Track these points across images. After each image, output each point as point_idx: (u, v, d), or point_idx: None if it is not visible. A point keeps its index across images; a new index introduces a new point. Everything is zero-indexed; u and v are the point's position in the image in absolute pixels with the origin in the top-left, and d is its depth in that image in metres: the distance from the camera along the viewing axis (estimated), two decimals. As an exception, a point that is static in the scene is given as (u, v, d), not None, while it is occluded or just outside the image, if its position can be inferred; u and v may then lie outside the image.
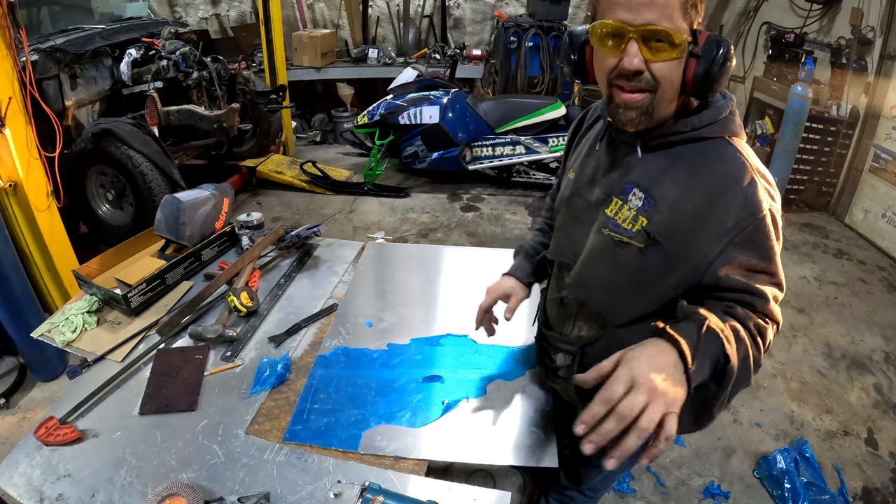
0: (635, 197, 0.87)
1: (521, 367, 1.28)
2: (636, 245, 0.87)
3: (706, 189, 0.82)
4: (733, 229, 0.80)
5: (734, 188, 0.80)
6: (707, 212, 0.81)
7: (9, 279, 2.12)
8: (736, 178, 0.81)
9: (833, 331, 2.85)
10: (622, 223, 0.88)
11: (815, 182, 4.17)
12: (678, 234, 0.84)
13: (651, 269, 0.87)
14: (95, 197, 3.26)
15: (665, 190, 0.85)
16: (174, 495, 0.90)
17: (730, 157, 0.83)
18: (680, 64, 0.78)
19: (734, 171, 0.81)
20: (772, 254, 0.83)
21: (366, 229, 3.72)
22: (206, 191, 1.75)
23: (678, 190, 0.84)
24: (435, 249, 1.94)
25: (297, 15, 5.62)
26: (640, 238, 0.86)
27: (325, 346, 1.34)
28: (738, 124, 0.86)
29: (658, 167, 0.86)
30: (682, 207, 0.83)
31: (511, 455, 1.08)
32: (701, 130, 0.84)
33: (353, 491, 0.88)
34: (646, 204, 0.86)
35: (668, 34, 0.75)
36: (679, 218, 0.83)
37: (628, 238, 0.88)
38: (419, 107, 4.09)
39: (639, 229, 0.86)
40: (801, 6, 4.32)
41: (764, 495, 1.95)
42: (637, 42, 0.76)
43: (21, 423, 2.13)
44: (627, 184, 0.89)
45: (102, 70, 3.38)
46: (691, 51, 0.78)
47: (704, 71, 0.78)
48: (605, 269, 0.93)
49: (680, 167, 0.85)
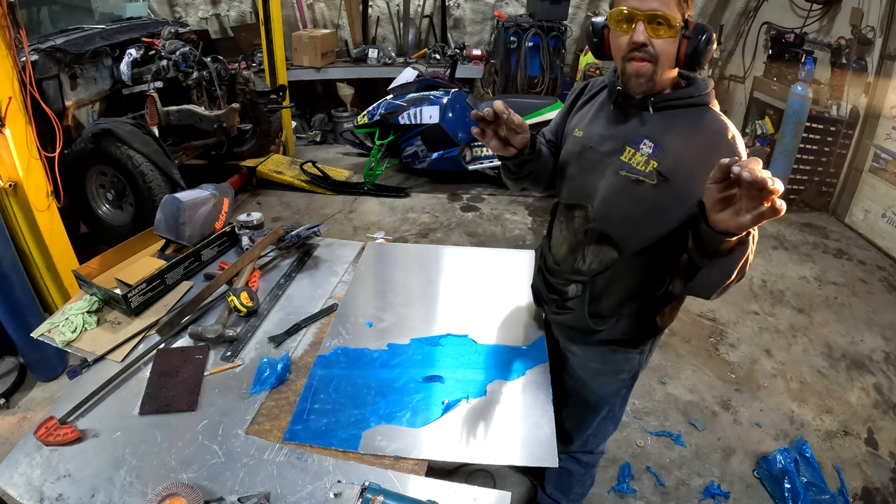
0: (646, 146, 1.09)
1: (521, 367, 1.28)
2: (649, 182, 1.08)
3: (703, 140, 1.06)
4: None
5: (724, 139, 1.06)
6: (705, 156, 1.01)
7: (9, 279, 2.12)
8: (724, 133, 1.06)
9: (833, 331, 2.85)
10: (637, 166, 1.09)
11: (815, 182, 4.17)
12: (683, 173, 1.05)
13: (662, 202, 1.08)
14: (95, 197, 3.26)
15: (671, 140, 1.07)
16: (174, 495, 0.90)
17: (717, 119, 1.09)
18: (675, 42, 1.02)
19: (722, 129, 1.07)
20: None
21: (366, 229, 3.72)
22: (206, 191, 1.75)
23: (681, 141, 1.07)
24: (435, 249, 1.94)
25: (297, 15, 5.62)
26: (653, 176, 1.07)
27: (325, 346, 1.34)
28: (715, 99, 1.12)
29: (663, 124, 1.09)
30: (685, 154, 1.06)
31: (511, 455, 1.08)
32: (694, 98, 1.09)
33: (353, 491, 0.88)
34: (656, 150, 1.08)
35: (666, 18, 0.99)
36: (683, 161, 1.06)
37: (643, 177, 1.09)
38: (419, 107, 4.09)
39: (651, 170, 1.08)
40: (801, 6, 4.33)
41: (764, 495, 1.95)
42: (643, 22, 1.01)
43: (21, 423, 2.13)
44: (639, 136, 1.10)
45: (102, 70, 3.38)
46: (683, 33, 1.02)
47: (692, 49, 1.03)
48: (624, 203, 1.13)
49: (681, 125, 1.08)
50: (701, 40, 1.03)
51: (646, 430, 2.19)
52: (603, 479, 1.96)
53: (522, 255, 1.78)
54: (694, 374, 2.51)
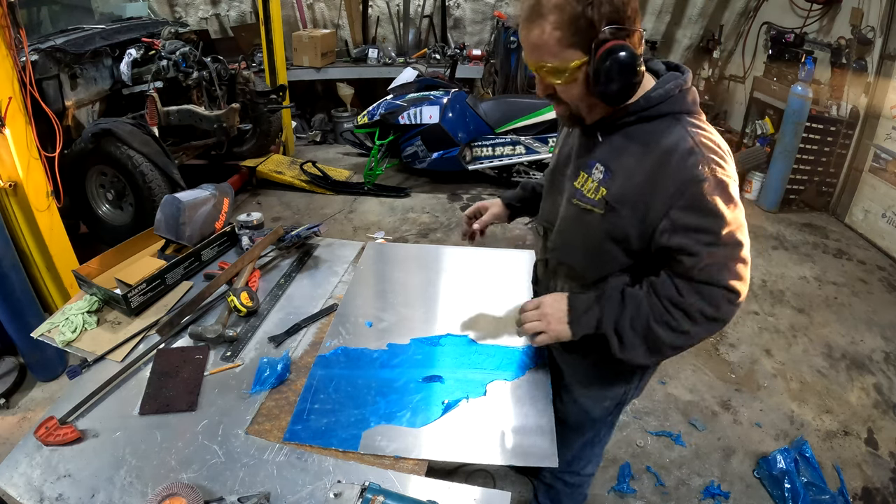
0: (597, 171, 1.01)
1: (521, 367, 1.28)
2: (597, 212, 1.00)
3: (653, 160, 0.93)
4: (675, 194, 0.91)
5: (674, 158, 0.91)
6: (653, 180, 0.92)
7: (9, 279, 2.12)
8: (676, 149, 0.91)
9: (833, 331, 2.85)
10: (587, 193, 1.02)
11: (815, 182, 4.17)
12: (630, 201, 0.96)
13: (612, 232, 1.00)
14: (95, 197, 3.26)
15: (621, 164, 0.97)
16: (174, 495, 0.90)
17: (673, 131, 0.93)
18: (577, 83, 0.92)
19: (676, 144, 0.91)
20: (716, 214, 0.90)
21: (366, 229, 3.72)
22: (206, 191, 1.75)
23: (631, 162, 0.96)
24: (435, 249, 1.94)
25: (297, 15, 5.62)
26: (601, 206, 1.00)
27: (325, 346, 1.34)
28: (689, 101, 0.97)
29: (616, 145, 0.99)
30: (634, 178, 0.95)
31: (511, 455, 1.08)
32: (650, 110, 0.95)
33: (353, 491, 0.87)
34: (605, 176, 0.99)
35: (551, 68, 0.90)
36: (631, 187, 0.95)
37: (591, 206, 1.01)
38: (419, 107, 4.09)
39: (599, 198, 1.00)
40: (801, 6, 4.32)
41: (764, 495, 1.95)
42: (538, 73, 0.94)
43: (21, 423, 2.13)
44: (591, 160, 1.02)
45: (102, 70, 3.38)
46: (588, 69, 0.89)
47: (599, 90, 0.89)
48: (577, 233, 1.08)
49: (634, 144, 0.97)
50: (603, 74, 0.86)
51: (646, 430, 2.19)
52: (603, 479, 1.96)
53: (522, 255, 1.78)
54: (694, 374, 2.51)
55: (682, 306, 0.96)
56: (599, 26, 0.85)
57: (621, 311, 1.00)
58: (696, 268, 0.93)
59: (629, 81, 0.88)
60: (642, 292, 1.00)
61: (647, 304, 0.98)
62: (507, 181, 4.37)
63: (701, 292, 0.95)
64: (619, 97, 0.90)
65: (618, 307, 1.01)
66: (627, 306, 1.00)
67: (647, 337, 0.99)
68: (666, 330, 0.97)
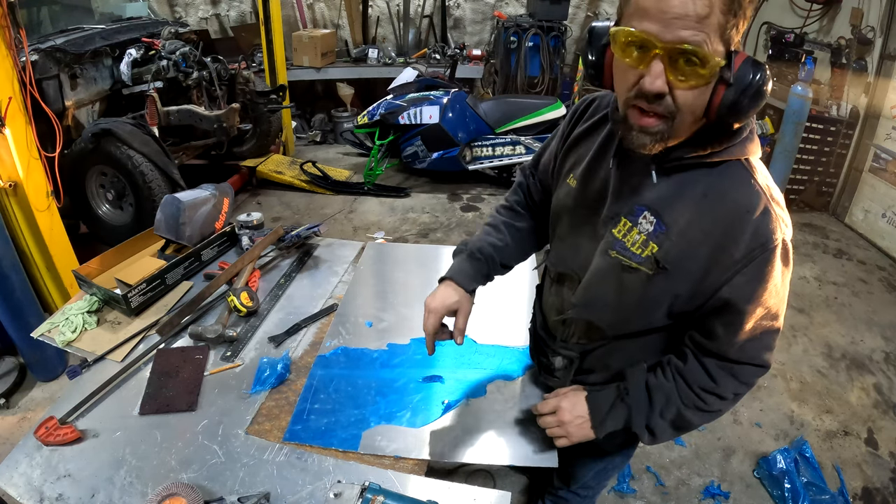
0: (646, 220, 0.82)
1: (521, 367, 1.28)
2: (645, 271, 0.83)
3: (718, 217, 0.78)
4: (741, 260, 0.78)
5: (746, 218, 0.76)
6: (718, 241, 0.78)
7: (9, 279, 2.12)
8: (748, 208, 0.76)
9: (833, 331, 2.85)
10: (631, 247, 0.84)
11: (815, 182, 4.17)
12: (687, 263, 0.80)
13: (657, 295, 0.85)
14: (95, 197, 3.26)
15: (677, 215, 0.80)
16: (174, 495, 0.90)
17: (744, 182, 0.78)
18: (707, 90, 0.71)
19: (748, 200, 0.77)
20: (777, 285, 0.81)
21: (366, 229, 3.72)
22: (206, 191, 1.75)
23: (690, 215, 0.79)
24: (435, 249, 1.94)
25: (297, 15, 5.62)
26: (649, 265, 0.82)
27: (325, 346, 1.34)
28: (756, 142, 0.81)
29: (671, 191, 0.81)
30: (693, 235, 0.79)
31: (511, 455, 1.08)
32: (722, 153, 0.78)
33: (353, 491, 0.87)
34: (657, 230, 0.81)
35: (700, 56, 0.66)
36: (689, 246, 0.80)
37: (637, 263, 0.84)
38: (419, 107, 4.09)
39: (648, 255, 0.82)
40: (801, 6, 4.32)
41: (764, 495, 1.95)
42: (663, 61, 0.67)
43: (21, 423, 2.13)
44: (638, 205, 0.83)
45: (102, 70, 3.38)
46: (722, 76, 0.69)
47: (733, 101, 0.70)
48: (611, 291, 0.90)
49: (694, 191, 0.79)
50: (748, 88, 0.69)
51: (646, 430, 2.19)
52: (603, 479, 1.96)
53: (522, 255, 1.77)
54: (694, 374, 2.50)
55: (716, 392, 0.88)
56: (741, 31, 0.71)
57: (650, 409, 0.92)
58: (733, 345, 0.84)
59: (759, 101, 0.71)
60: (670, 383, 0.91)
61: (677, 394, 0.90)
62: (507, 181, 4.37)
63: (735, 374, 0.87)
64: (743, 119, 0.74)
65: (646, 406, 0.92)
66: (656, 402, 0.91)
67: (675, 422, 0.92)
68: (696, 413, 0.91)
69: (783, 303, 0.84)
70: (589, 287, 0.94)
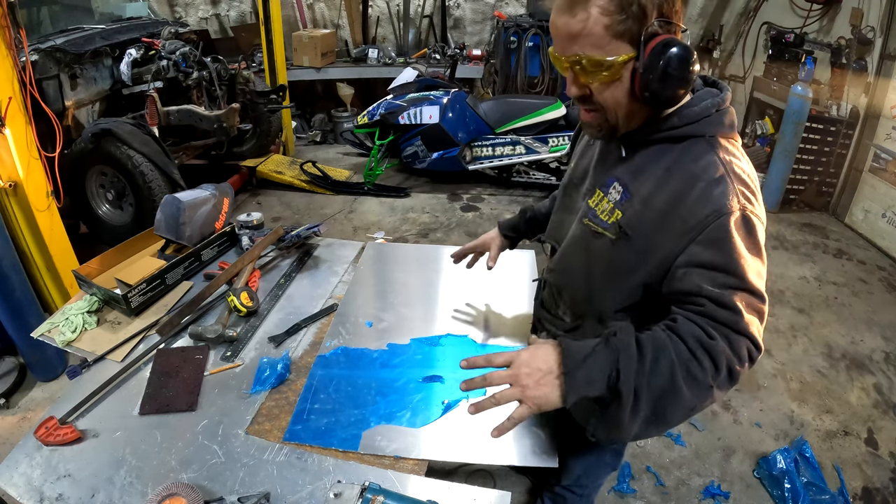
0: (615, 190, 0.90)
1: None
2: (609, 236, 0.90)
3: (675, 187, 0.82)
4: (695, 227, 0.80)
5: (698, 185, 0.80)
6: (674, 209, 0.82)
7: (9, 279, 2.12)
8: (701, 177, 0.80)
9: (833, 331, 2.85)
10: (600, 214, 0.92)
11: (815, 182, 4.17)
12: (646, 229, 0.85)
13: (621, 262, 0.90)
14: (95, 197, 3.26)
15: (640, 185, 0.87)
16: (174, 495, 0.90)
17: (703, 156, 0.82)
18: (622, 83, 0.79)
19: (702, 170, 0.81)
20: (740, 254, 0.78)
21: (366, 229, 3.72)
22: (206, 191, 1.75)
23: (652, 186, 0.85)
24: (435, 249, 1.94)
25: (297, 15, 5.62)
26: (613, 230, 0.89)
27: (325, 346, 1.34)
28: (726, 123, 0.85)
29: (640, 164, 0.88)
30: (653, 204, 0.85)
31: (511, 455, 1.08)
32: (682, 129, 0.83)
33: (353, 491, 0.87)
34: (623, 198, 0.89)
35: (593, 61, 0.76)
36: (649, 213, 0.85)
37: (603, 229, 0.91)
38: (419, 107, 4.09)
39: (613, 222, 0.89)
40: (801, 6, 4.32)
41: (764, 495, 1.95)
42: (572, 71, 0.80)
43: (21, 423, 2.13)
44: (610, 177, 0.92)
45: (102, 70, 3.38)
46: (636, 66, 0.76)
47: (643, 85, 0.77)
48: (581, 257, 0.98)
49: (658, 164, 0.86)
50: (656, 71, 0.74)
51: (646, 430, 2.19)
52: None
53: (522, 255, 1.78)
54: (694, 374, 2.50)
55: (713, 351, 0.75)
56: (651, 17, 0.75)
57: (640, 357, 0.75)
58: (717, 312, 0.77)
59: (684, 81, 0.76)
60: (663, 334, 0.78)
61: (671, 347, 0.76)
62: (507, 181, 4.37)
63: (729, 338, 0.77)
64: (670, 100, 0.79)
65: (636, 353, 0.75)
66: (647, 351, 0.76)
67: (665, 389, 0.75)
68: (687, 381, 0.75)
69: (761, 284, 0.80)
70: (564, 253, 1.03)
